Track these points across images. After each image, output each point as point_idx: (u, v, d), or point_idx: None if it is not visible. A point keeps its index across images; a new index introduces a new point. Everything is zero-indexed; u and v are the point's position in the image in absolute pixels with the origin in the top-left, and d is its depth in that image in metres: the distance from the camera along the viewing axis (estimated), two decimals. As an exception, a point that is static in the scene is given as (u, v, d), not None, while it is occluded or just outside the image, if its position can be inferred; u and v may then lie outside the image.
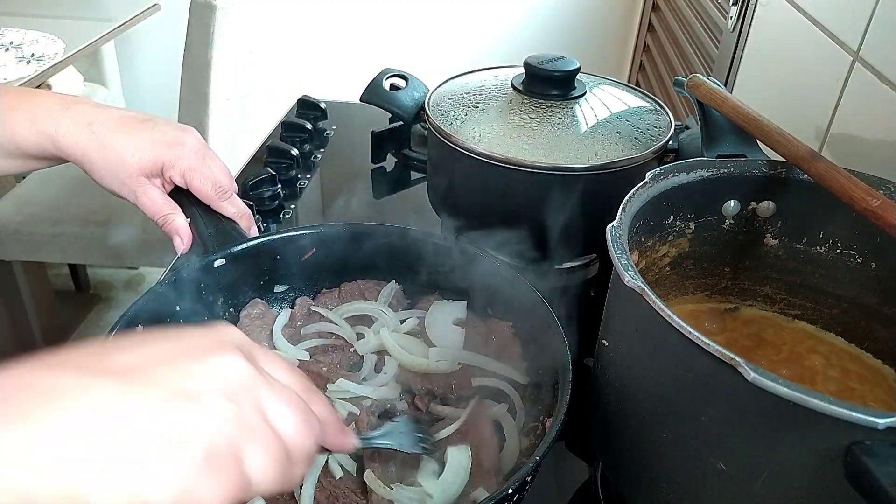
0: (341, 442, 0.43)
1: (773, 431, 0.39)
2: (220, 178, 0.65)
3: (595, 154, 0.72)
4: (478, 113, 0.78)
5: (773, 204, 0.60)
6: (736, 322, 0.65)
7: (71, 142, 0.61)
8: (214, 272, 0.64)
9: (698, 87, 0.65)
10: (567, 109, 0.77)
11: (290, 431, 0.37)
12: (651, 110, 0.81)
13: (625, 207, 0.52)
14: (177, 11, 1.75)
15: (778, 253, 0.63)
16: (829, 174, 0.53)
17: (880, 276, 0.57)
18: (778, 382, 0.36)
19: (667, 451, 0.47)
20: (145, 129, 0.63)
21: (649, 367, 0.47)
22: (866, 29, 0.72)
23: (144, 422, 0.31)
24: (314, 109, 1.18)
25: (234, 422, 0.34)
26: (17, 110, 0.61)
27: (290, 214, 0.95)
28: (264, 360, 0.39)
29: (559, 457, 0.64)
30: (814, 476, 0.39)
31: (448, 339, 0.65)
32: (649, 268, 0.62)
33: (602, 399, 0.54)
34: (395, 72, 1.02)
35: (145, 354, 0.34)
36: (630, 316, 0.49)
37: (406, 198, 1.02)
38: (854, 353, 0.61)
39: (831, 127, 0.78)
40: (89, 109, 0.62)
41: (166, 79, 1.97)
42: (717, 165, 0.59)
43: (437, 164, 0.83)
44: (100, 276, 2.35)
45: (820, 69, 0.82)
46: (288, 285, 0.71)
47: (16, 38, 1.81)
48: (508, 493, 0.46)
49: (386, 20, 2.36)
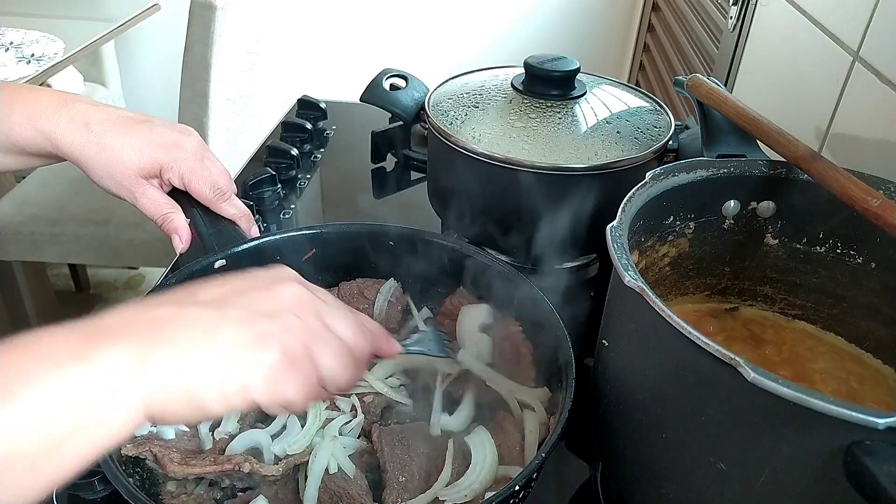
0: (389, 347, 0.50)
1: (773, 431, 0.39)
2: (218, 180, 0.65)
3: (595, 154, 0.72)
4: (478, 113, 0.78)
5: (773, 204, 0.60)
6: (736, 322, 0.65)
7: (68, 141, 0.61)
8: (215, 273, 0.64)
9: (698, 87, 0.65)
10: (567, 109, 0.77)
11: (350, 336, 0.45)
12: (651, 110, 0.81)
13: (625, 207, 0.52)
14: (177, 11, 1.76)
15: (778, 253, 0.63)
16: (829, 174, 0.53)
17: (880, 276, 0.57)
18: (778, 382, 0.36)
19: (667, 451, 0.47)
20: (143, 130, 0.63)
21: (649, 368, 0.47)
22: (866, 29, 0.72)
23: (237, 335, 0.39)
24: (314, 109, 1.18)
25: (303, 330, 0.42)
26: (15, 107, 0.61)
27: (290, 214, 0.95)
28: (315, 289, 0.46)
29: (559, 457, 0.64)
30: (814, 476, 0.39)
31: (476, 346, 0.64)
32: (649, 268, 0.62)
33: (602, 399, 0.54)
34: (395, 72, 1.02)
35: (225, 290, 0.42)
36: (630, 316, 0.48)
37: (406, 198, 1.02)
38: (854, 353, 0.61)
39: (831, 127, 0.78)
40: (87, 109, 0.62)
41: (166, 79, 1.97)
42: (717, 165, 0.59)
43: (437, 164, 0.83)
44: (100, 276, 2.35)
45: (820, 69, 0.82)
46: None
47: (16, 38, 1.81)
48: (515, 490, 0.46)
49: (386, 20, 2.36)
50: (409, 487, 0.54)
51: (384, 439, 0.56)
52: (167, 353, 0.37)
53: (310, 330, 0.42)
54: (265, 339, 0.40)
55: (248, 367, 0.39)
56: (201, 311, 0.40)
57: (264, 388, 0.39)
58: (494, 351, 0.64)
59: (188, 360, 0.37)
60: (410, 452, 0.56)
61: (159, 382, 0.36)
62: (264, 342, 0.40)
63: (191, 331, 0.38)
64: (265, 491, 0.54)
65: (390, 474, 0.54)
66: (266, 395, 0.39)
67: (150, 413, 0.36)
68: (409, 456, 0.56)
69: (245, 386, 0.39)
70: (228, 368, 0.38)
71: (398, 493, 0.53)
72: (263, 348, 0.39)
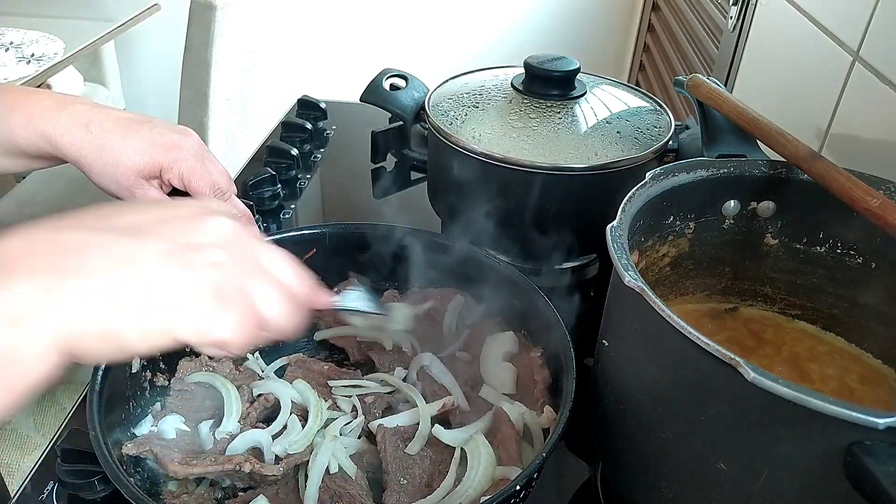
0: (322, 297, 0.46)
1: (773, 431, 0.39)
2: (218, 180, 0.65)
3: (595, 154, 0.72)
4: (478, 113, 0.78)
5: (773, 204, 0.60)
6: (736, 322, 0.65)
7: (68, 142, 0.61)
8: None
9: (698, 87, 0.65)
10: (567, 109, 0.77)
11: (286, 274, 0.42)
12: (651, 110, 0.81)
13: (625, 207, 0.52)
14: (177, 11, 1.76)
15: (778, 253, 0.63)
16: (829, 174, 0.53)
17: (880, 276, 0.57)
18: (778, 382, 0.36)
19: (667, 451, 0.47)
20: (144, 130, 0.63)
21: (649, 367, 0.47)
22: (866, 29, 0.72)
23: (159, 267, 0.36)
24: (314, 109, 1.18)
25: (233, 263, 0.38)
26: (15, 109, 0.61)
27: (290, 214, 0.95)
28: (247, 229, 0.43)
29: (559, 457, 0.64)
30: (814, 476, 0.39)
31: (499, 377, 0.63)
32: (649, 268, 0.62)
33: (602, 399, 0.54)
34: (395, 72, 1.01)
35: (145, 217, 0.39)
36: (630, 316, 0.49)
37: (406, 198, 1.02)
38: (854, 353, 0.61)
39: (831, 127, 0.78)
40: (87, 110, 0.62)
41: (166, 79, 1.97)
42: (717, 165, 0.59)
43: (437, 164, 0.83)
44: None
45: (820, 69, 0.82)
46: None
47: (16, 38, 1.81)
48: (516, 490, 0.46)
49: (386, 20, 2.36)
50: (409, 490, 0.54)
51: (387, 440, 0.56)
52: (79, 285, 0.34)
53: (242, 265, 0.39)
54: (191, 272, 0.37)
55: (172, 301, 0.36)
56: (117, 237, 0.36)
57: (191, 326, 0.36)
58: (518, 382, 0.62)
59: (102, 293, 0.34)
60: (414, 455, 0.56)
61: (71, 317, 0.34)
62: (190, 275, 0.37)
63: (106, 259, 0.35)
64: (266, 491, 0.54)
65: (392, 476, 0.54)
66: (194, 333, 0.37)
67: (67, 350, 0.34)
68: (412, 458, 0.56)
69: (169, 322, 0.36)
70: (149, 303, 0.35)
71: (398, 496, 0.53)
72: (189, 282, 0.36)
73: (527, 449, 0.57)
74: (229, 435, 0.58)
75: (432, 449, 0.57)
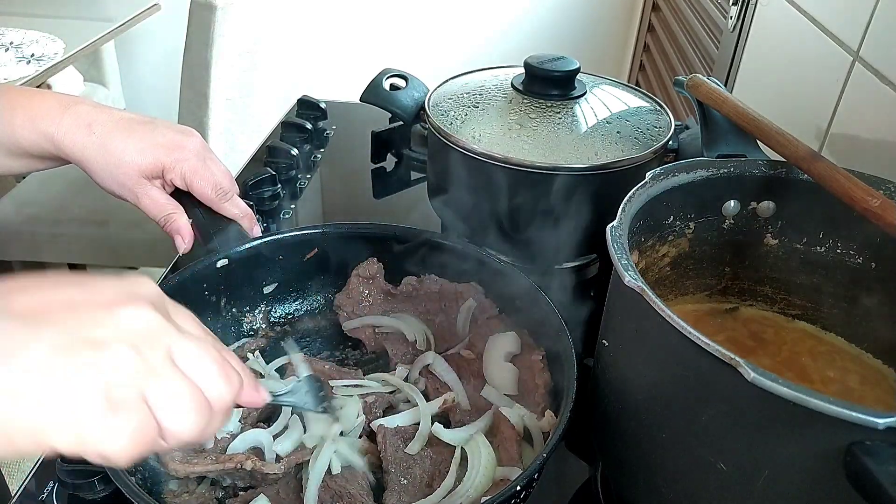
0: (255, 396, 0.42)
1: (772, 431, 0.39)
2: (220, 180, 0.65)
3: (595, 154, 0.72)
4: (478, 113, 0.78)
5: (773, 204, 0.61)
6: (736, 322, 0.65)
7: (70, 142, 0.61)
8: (216, 272, 0.64)
9: (698, 87, 0.65)
10: (567, 109, 0.77)
11: (205, 378, 0.37)
12: (651, 110, 0.81)
13: (625, 207, 0.52)
14: (177, 11, 1.76)
15: (778, 253, 0.63)
16: (829, 174, 0.53)
17: (880, 276, 0.57)
18: (778, 382, 0.36)
19: (667, 452, 0.47)
20: (146, 131, 0.63)
21: (650, 367, 0.47)
22: (866, 29, 0.72)
23: (45, 363, 0.32)
24: (314, 109, 1.18)
25: (135, 365, 0.34)
26: (17, 110, 0.61)
27: (290, 214, 0.95)
28: (176, 314, 0.38)
29: (559, 457, 0.64)
30: (814, 476, 0.39)
31: (500, 378, 0.63)
32: (649, 268, 0.62)
33: (602, 399, 0.54)
34: (395, 72, 1.02)
35: (50, 299, 0.34)
36: (630, 316, 0.49)
37: (406, 198, 1.02)
38: (854, 353, 0.61)
39: (831, 127, 0.78)
40: (89, 110, 0.62)
41: (166, 79, 1.97)
42: (717, 165, 0.59)
43: (436, 164, 0.83)
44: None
45: (820, 69, 0.82)
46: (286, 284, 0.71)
47: (16, 38, 1.81)
48: (516, 491, 0.46)
49: (386, 20, 2.36)
50: (410, 490, 0.54)
51: (388, 440, 0.56)
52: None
53: (148, 367, 0.34)
54: (82, 372, 0.32)
55: (49, 406, 0.31)
56: (7, 323, 0.32)
57: (69, 435, 0.32)
58: (519, 382, 0.62)
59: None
60: (414, 455, 0.56)
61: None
62: (80, 375, 0.32)
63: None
64: (266, 490, 0.54)
65: (392, 476, 0.54)
66: (70, 444, 0.32)
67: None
68: (413, 458, 0.56)
69: (39, 429, 0.32)
70: (21, 404, 0.31)
71: (399, 496, 0.53)
72: (76, 383, 0.32)
73: (527, 450, 0.57)
74: (230, 434, 0.58)
75: (433, 449, 0.57)
